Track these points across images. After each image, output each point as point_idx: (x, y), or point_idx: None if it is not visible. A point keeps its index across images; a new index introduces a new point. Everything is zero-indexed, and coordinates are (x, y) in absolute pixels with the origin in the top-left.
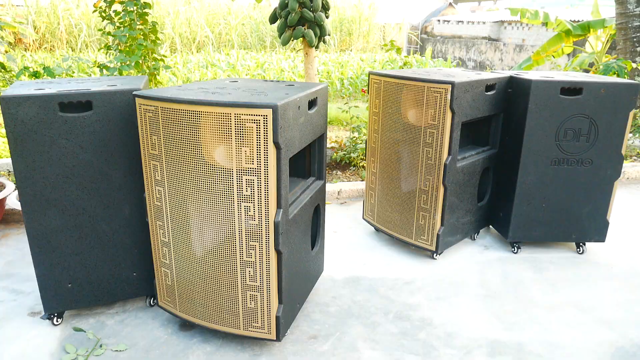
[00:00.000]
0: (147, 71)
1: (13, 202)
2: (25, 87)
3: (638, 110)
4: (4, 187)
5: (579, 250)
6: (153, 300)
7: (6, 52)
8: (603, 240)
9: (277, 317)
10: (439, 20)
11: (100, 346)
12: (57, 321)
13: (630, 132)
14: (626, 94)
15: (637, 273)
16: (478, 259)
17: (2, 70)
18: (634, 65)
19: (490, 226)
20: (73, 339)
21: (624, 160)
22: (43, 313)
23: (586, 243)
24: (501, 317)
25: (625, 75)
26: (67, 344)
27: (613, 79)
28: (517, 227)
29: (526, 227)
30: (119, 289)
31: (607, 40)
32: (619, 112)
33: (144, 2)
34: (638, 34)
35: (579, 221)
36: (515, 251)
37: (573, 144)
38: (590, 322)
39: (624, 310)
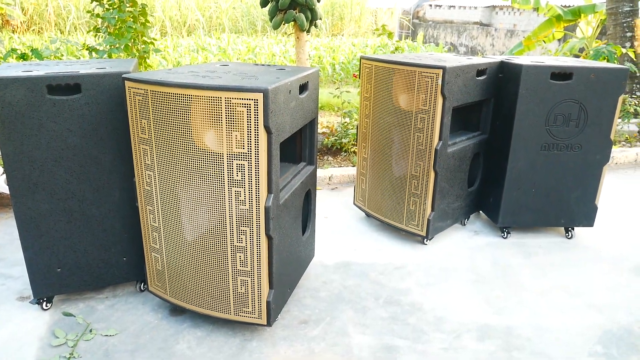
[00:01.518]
0: (137, 54)
1: (1, 185)
2: (12, 69)
3: (627, 95)
4: None
5: (568, 235)
6: (143, 285)
7: None
8: (592, 225)
9: (267, 302)
10: (430, 5)
11: (90, 331)
12: (46, 306)
13: (619, 117)
14: (615, 79)
15: (625, 257)
16: (468, 244)
17: None
18: (624, 50)
19: (481, 211)
20: (62, 323)
21: (613, 146)
22: (32, 298)
23: (575, 228)
24: (491, 302)
25: (615, 61)
26: (57, 328)
27: (603, 64)
28: (507, 213)
29: (516, 213)
30: (109, 274)
31: (598, 26)
32: (609, 97)
33: None
34: (628, 19)
35: (568, 206)
36: (505, 236)
37: (563, 129)
38: (579, 306)
39: (612, 294)
